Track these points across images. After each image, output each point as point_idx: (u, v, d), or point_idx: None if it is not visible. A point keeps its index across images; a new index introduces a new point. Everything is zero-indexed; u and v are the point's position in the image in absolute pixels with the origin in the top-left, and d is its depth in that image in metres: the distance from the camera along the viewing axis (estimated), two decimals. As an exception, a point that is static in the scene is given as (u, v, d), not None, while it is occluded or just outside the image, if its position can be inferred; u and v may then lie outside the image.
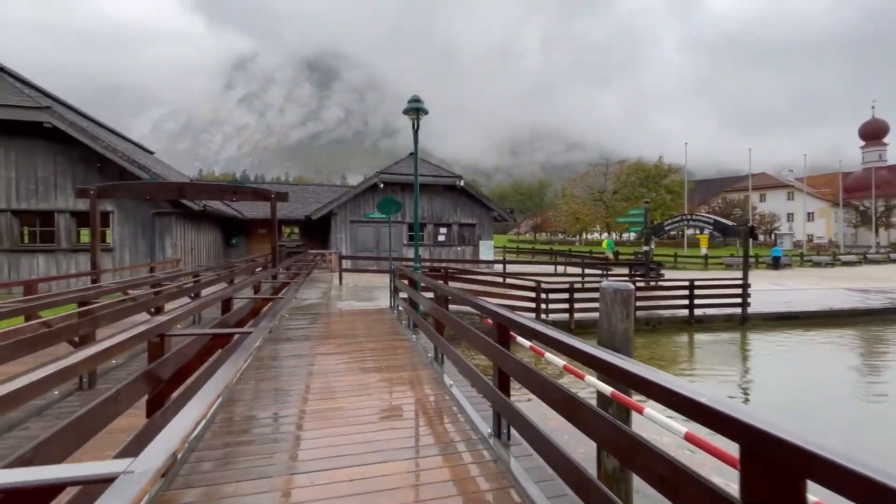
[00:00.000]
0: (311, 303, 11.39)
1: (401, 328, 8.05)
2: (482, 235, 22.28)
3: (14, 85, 12.53)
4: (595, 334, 12.24)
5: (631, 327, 4.01)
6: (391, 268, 10.36)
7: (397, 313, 9.50)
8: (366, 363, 5.72)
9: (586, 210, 28.76)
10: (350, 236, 20.25)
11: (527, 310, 11.79)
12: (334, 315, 9.42)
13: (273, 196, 8.96)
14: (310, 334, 7.49)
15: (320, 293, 13.15)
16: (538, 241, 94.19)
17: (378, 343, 6.89)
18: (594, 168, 29.27)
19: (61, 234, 12.44)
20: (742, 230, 12.51)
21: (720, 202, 56.76)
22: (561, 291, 12.14)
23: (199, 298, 5.91)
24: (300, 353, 6.16)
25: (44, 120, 11.58)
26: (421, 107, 7.81)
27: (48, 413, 4.14)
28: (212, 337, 3.34)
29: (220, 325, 4.72)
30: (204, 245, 17.13)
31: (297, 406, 4.20)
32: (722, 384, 8.34)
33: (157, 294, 6.75)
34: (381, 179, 20.01)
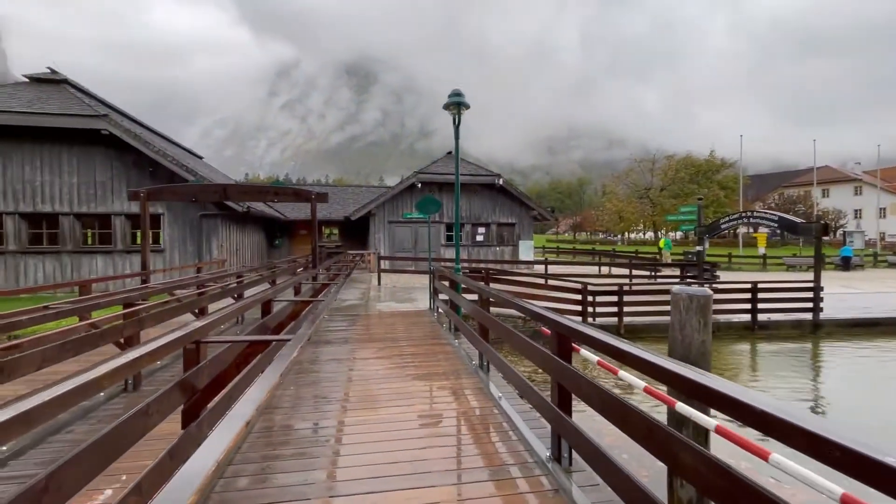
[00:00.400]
0: (350, 303, 11.33)
1: (441, 331, 7.76)
2: (522, 235, 21.70)
3: (75, 95, 13.29)
4: (647, 339, 11.54)
5: (709, 339, 3.51)
6: (430, 268, 10.11)
7: (437, 315, 9.22)
8: (407, 369, 5.46)
9: (631, 208, 27.43)
10: (388, 237, 20.25)
11: (572, 313, 11.22)
12: (373, 317, 9.26)
13: (313, 197, 8.91)
14: (349, 337, 7.33)
15: (359, 294, 13.11)
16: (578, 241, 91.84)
17: (419, 347, 6.62)
18: (639, 164, 27.85)
19: (117, 236, 13.04)
20: (813, 227, 11.37)
21: (776, 198, 53.06)
22: (609, 293, 11.48)
23: (242, 300, 5.87)
24: (340, 357, 5.99)
25: (101, 127, 12.17)
26: (462, 101, 7.49)
27: (93, 416, 4.12)
28: (248, 344, 3.16)
29: (260, 328, 4.58)
30: (248, 246, 17.58)
31: (336, 415, 3.97)
32: (792, 402, 7.49)
33: (201, 295, 6.78)
34: (418, 179, 19.88)
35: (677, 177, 26.62)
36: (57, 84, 13.75)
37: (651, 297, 11.89)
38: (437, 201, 9.89)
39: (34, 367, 3.31)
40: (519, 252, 21.44)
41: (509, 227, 21.63)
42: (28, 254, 12.63)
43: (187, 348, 2.90)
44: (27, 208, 12.60)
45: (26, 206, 12.59)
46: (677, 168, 26.71)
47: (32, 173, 12.59)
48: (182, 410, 2.88)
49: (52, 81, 13.79)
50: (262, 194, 8.80)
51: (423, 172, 20.32)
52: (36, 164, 12.59)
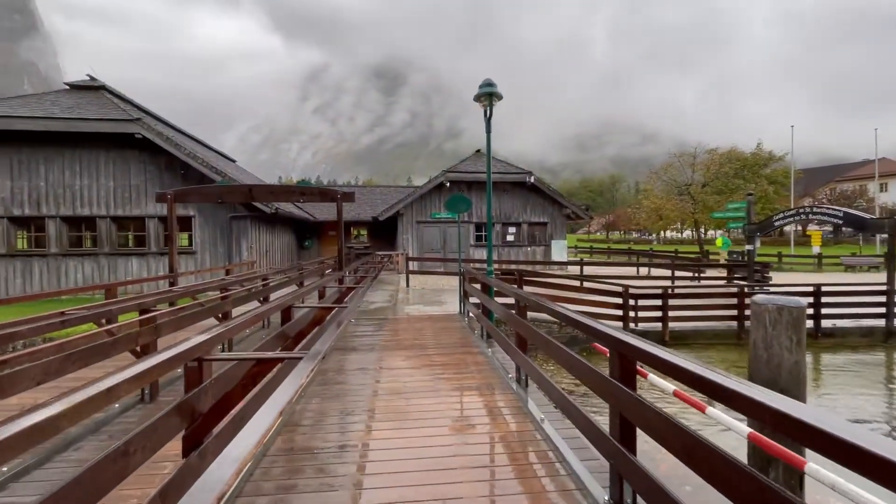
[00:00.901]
0: (378, 306, 11.01)
1: (473, 338, 7.28)
2: (554, 235, 20.92)
3: (112, 101, 13.60)
4: (695, 347, 10.51)
5: (803, 360, 2.88)
6: (460, 270, 9.65)
7: (467, 320, 8.76)
8: (437, 382, 5.01)
9: (671, 206, 26.01)
10: (416, 237, 19.93)
11: (612, 318, 10.53)
12: (402, 321, 8.89)
13: (339, 196, 8.61)
14: (376, 343, 6.97)
15: (387, 296, 12.80)
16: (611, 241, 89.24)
17: (449, 356, 6.17)
18: (679, 158, 26.37)
19: (151, 238, 13.25)
20: (886, 223, 10.22)
21: (827, 193, 49.63)
22: (652, 297, 10.70)
23: (266, 304, 5.59)
24: (366, 367, 5.62)
25: (134, 131, 12.37)
26: (494, 91, 6.99)
27: (105, 430, 3.88)
28: (256, 363, 2.80)
29: (278, 337, 4.24)
30: (278, 247, 17.64)
31: (361, 436, 3.57)
32: (865, 426, 6.59)
33: (225, 299, 6.57)
34: (447, 178, 19.46)
35: (721, 172, 25.01)
36: (95, 90, 14.13)
37: (699, 300, 11.03)
38: (467, 199, 9.42)
39: (37, 380, 3.06)
40: (551, 252, 20.68)
41: (541, 226, 20.89)
42: (69, 256, 12.99)
43: (188, 366, 2.55)
44: (67, 212, 12.96)
45: (66, 209, 12.95)
46: (721, 162, 25.09)
47: (72, 178, 12.94)
48: (182, 437, 2.53)
49: (90, 88, 14.19)
50: (287, 194, 8.59)
51: (451, 171, 19.88)
52: (75, 169, 12.94)
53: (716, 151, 25.89)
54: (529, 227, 20.74)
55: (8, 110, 12.25)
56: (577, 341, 10.47)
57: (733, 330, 10.66)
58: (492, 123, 7.26)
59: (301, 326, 4.82)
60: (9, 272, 12.69)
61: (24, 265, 12.77)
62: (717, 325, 10.74)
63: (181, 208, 13.47)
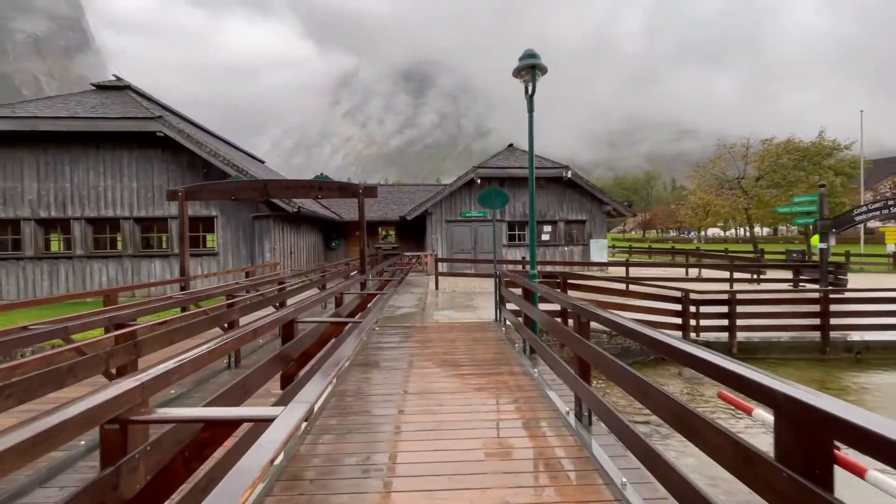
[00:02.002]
0: (405, 312, 10.13)
1: (513, 353, 6.25)
2: (593, 233, 19.51)
3: (136, 99, 13.35)
4: (769, 361, 9.36)
5: None
6: (496, 273, 8.63)
7: (504, 329, 7.73)
8: (474, 415, 4.01)
9: (720, 201, 23.92)
10: (446, 237, 19.00)
11: (669, 326, 9.26)
12: (430, 330, 7.95)
13: (360, 191, 7.77)
14: (402, 357, 6.06)
15: (415, 300, 11.92)
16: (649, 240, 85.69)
17: (487, 376, 5.16)
18: (730, 150, 24.20)
19: (174, 239, 12.88)
20: None
21: (890, 185, 45.69)
22: (716, 303, 9.34)
23: (272, 313, 4.77)
24: (389, 392, 4.69)
25: (155, 129, 12.00)
26: (537, 62, 5.93)
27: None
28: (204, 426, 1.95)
29: (278, 357, 3.36)
30: (304, 248, 17.11)
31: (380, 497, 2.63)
32: None
33: (231, 306, 5.81)
34: (477, 175, 18.43)
35: (777, 163, 22.78)
36: (120, 90, 13.95)
37: (773, 307, 9.57)
38: (503, 194, 8.39)
39: None
40: (590, 252, 19.28)
41: (579, 224, 19.53)
42: (93, 258, 12.78)
43: (105, 429, 1.68)
44: (92, 213, 12.75)
45: (91, 211, 12.75)
46: (778, 153, 22.82)
47: (96, 178, 12.73)
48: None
49: (116, 88, 14.02)
50: (305, 190, 7.82)
51: (482, 167, 18.84)
52: (100, 170, 12.72)
53: (771, 141, 23.64)
54: (566, 225, 19.42)
55: (34, 111, 12.14)
56: (630, 353, 9.24)
57: (815, 342, 9.14)
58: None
59: (310, 343, 3.93)
60: (36, 275, 12.60)
61: (52, 267, 12.65)
62: (796, 336, 9.26)
63: (203, 208, 13.05)
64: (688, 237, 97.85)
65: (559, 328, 4.10)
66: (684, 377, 8.19)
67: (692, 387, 7.75)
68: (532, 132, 6.21)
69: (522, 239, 19.42)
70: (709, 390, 7.38)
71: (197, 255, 12.97)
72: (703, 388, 7.57)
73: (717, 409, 6.54)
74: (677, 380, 8.21)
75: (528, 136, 6.18)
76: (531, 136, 6.19)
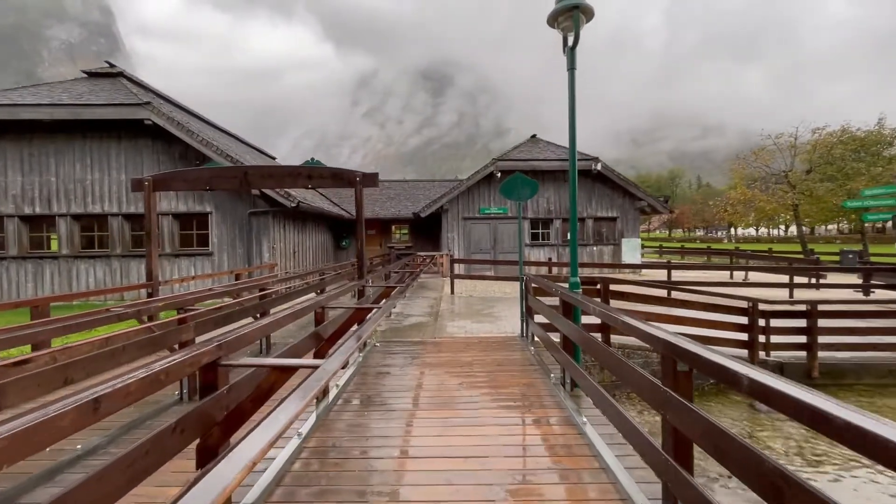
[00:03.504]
0: (414, 321, 8.74)
1: (546, 384, 4.78)
2: (625, 232, 17.74)
3: (127, 87, 12.31)
4: (858, 388, 7.56)
5: None
6: (521, 277, 7.15)
7: (533, 349, 6.24)
8: (500, 486, 2.56)
9: (764, 197, 21.69)
10: (463, 235, 17.53)
11: (732, 343, 7.62)
12: (443, 347, 6.53)
13: (358, 179, 6.41)
14: (405, 388, 4.67)
15: (428, 306, 10.52)
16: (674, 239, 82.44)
17: (514, 426, 3.71)
18: (776, 141, 21.92)
19: (164, 238, 11.79)
20: None
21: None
22: (792, 315, 7.65)
23: (265, 317, 3.44)
24: (384, 446, 3.28)
25: (144, 117, 10.92)
26: (580, 2, 4.43)
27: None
28: None
29: (196, 418, 2.00)
30: (310, 247, 15.91)
31: None
32: None
33: (183, 322, 4.50)
34: (497, 167, 16.91)
35: (831, 155, 20.44)
36: (112, 77, 12.96)
37: (865, 321, 7.83)
38: (530, 181, 6.90)
39: None
40: (621, 252, 17.54)
41: (609, 221, 17.79)
42: (79, 258, 11.79)
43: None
44: (78, 209, 11.76)
45: (77, 206, 11.76)
46: (830, 144, 20.49)
47: (83, 172, 11.73)
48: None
49: (108, 75, 13.03)
50: (292, 177, 6.49)
51: (503, 159, 17.30)
52: (86, 162, 11.72)
53: (822, 131, 21.33)
54: (595, 222, 17.70)
55: (16, 98, 11.21)
56: (680, 380, 7.62)
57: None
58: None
59: (240, 399, 2.57)
60: (20, 276, 11.68)
61: (36, 268, 11.71)
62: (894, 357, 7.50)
63: (197, 204, 11.93)
64: (716, 236, 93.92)
65: (642, 383, 2.61)
66: (762, 411, 6.54)
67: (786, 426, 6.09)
68: (574, 99, 4.71)
69: (547, 238, 17.81)
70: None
71: (190, 255, 11.86)
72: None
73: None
74: (754, 413, 6.57)
75: (569, 105, 4.69)
76: (572, 103, 4.69)
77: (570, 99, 4.71)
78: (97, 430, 3.95)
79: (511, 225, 17.57)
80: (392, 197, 23.07)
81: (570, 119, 4.73)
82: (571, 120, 4.71)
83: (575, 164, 4.66)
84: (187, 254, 11.84)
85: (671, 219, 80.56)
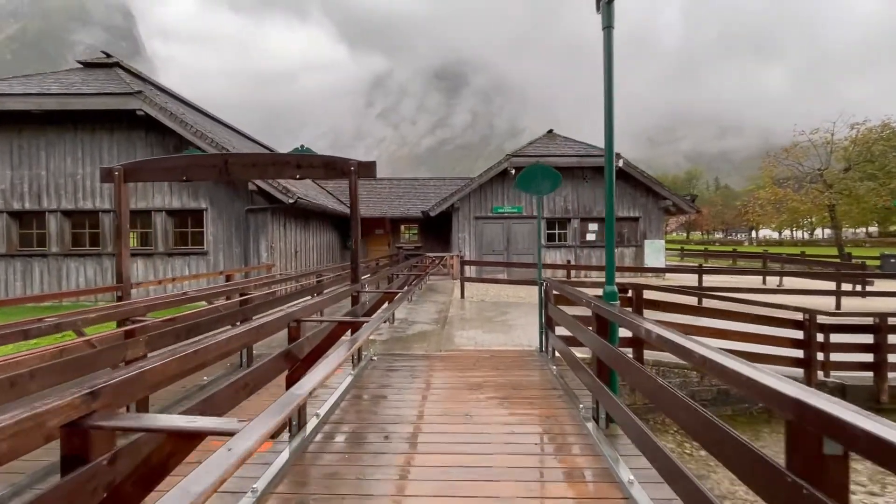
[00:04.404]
0: (419, 329, 7.88)
1: (574, 417, 3.86)
2: (648, 233, 16.63)
3: (122, 77, 11.70)
4: None
5: None
6: (540, 282, 6.23)
7: (556, 368, 5.31)
8: None
9: (798, 197, 20.22)
10: (474, 235, 16.62)
11: (784, 361, 6.60)
12: (449, 363, 5.65)
13: (353, 169, 5.56)
14: (401, 420, 3.80)
15: (435, 312, 9.65)
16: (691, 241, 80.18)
17: (534, 475, 2.82)
18: (810, 137, 20.43)
19: (158, 236, 11.14)
20: None
21: None
22: (856, 330, 6.60)
23: (247, 324, 2.63)
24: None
25: (135, 107, 10.28)
26: (624, -60, 3.51)
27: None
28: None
29: None
30: (314, 247, 15.17)
31: None
32: None
33: (130, 336, 3.70)
34: (511, 164, 15.97)
35: (871, 152, 18.98)
36: (108, 68, 12.37)
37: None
38: (552, 172, 5.98)
39: None
40: (644, 255, 16.43)
41: (631, 222, 16.70)
42: (70, 256, 11.21)
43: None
44: (69, 205, 11.18)
45: (68, 202, 11.18)
46: (870, 140, 18.99)
47: (74, 165, 11.15)
48: None
49: (104, 65, 12.46)
50: (277, 167, 5.69)
51: (517, 155, 16.36)
52: (77, 155, 11.14)
53: (861, 126, 19.84)
54: (616, 223, 16.60)
55: (4, 88, 10.67)
56: (729, 399, 6.62)
57: None
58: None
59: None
60: (9, 274, 11.14)
61: (25, 266, 11.17)
62: None
63: (192, 200, 11.26)
64: (736, 239, 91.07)
65: (751, 462, 1.69)
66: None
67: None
68: (611, 64, 3.79)
69: (563, 239, 16.80)
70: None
71: (184, 253, 11.18)
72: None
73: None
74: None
75: (605, 71, 3.77)
76: (609, 69, 3.77)
77: (605, 64, 3.79)
78: None
79: (525, 225, 16.60)
80: (401, 195, 22.26)
81: (607, 89, 3.80)
82: (608, 89, 3.78)
83: (612, 144, 3.75)
84: (181, 252, 11.17)
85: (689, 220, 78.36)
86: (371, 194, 22.15)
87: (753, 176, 34.86)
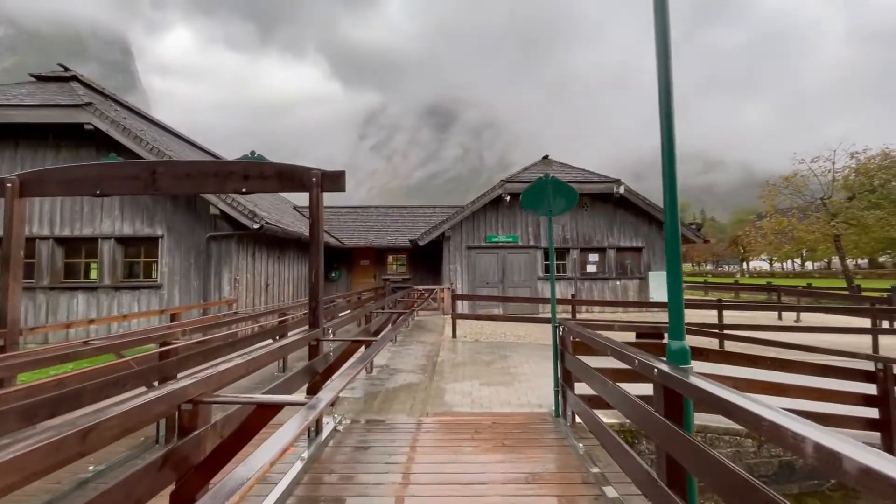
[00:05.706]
0: (401, 382, 6.45)
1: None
2: (652, 264, 15.53)
3: (75, 90, 10.55)
4: None
5: None
6: (555, 325, 4.92)
7: (582, 446, 3.93)
8: None
9: (803, 226, 19.48)
10: (467, 266, 15.36)
11: (854, 423, 5.29)
12: (439, 437, 4.23)
13: (314, 181, 4.32)
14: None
15: (423, 356, 8.24)
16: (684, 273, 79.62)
17: None
18: (810, 165, 19.90)
19: (105, 268, 9.70)
20: None
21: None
22: (942, 384, 5.33)
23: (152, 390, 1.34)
24: None
25: (84, 121, 9.10)
26: None
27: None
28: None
29: None
30: (291, 280, 13.75)
31: None
32: None
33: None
34: (506, 190, 14.95)
35: (871, 182, 18.39)
36: (64, 81, 11.23)
37: None
38: (565, 188, 4.80)
39: None
40: (649, 288, 15.26)
41: (634, 252, 15.61)
42: None
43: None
44: (2, 231, 9.74)
45: (1, 228, 9.75)
46: (872, 170, 18.43)
47: (12, 186, 9.79)
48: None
49: (59, 79, 11.31)
50: (219, 179, 4.43)
51: (511, 181, 15.36)
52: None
53: (863, 154, 19.38)
54: (618, 253, 15.52)
55: (-64, 99, 9.43)
56: (794, 475, 5.25)
57: None
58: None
59: None
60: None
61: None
62: None
63: (147, 226, 9.90)
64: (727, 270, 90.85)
65: None
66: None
67: None
68: (665, 16, 2.66)
69: (563, 270, 15.61)
70: None
71: (133, 287, 9.71)
72: None
73: None
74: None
75: (658, 18, 2.65)
76: (664, 15, 2.64)
77: (659, 18, 2.65)
78: None
79: (522, 255, 15.42)
80: (389, 224, 21.07)
81: (664, 70, 2.65)
82: (666, 68, 2.64)
83: (672, 122, 2.58)
84: (130, 286, 9.70)
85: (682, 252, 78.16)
86: (357, 222, 20.91)
87: (738, 209, 34.49)
